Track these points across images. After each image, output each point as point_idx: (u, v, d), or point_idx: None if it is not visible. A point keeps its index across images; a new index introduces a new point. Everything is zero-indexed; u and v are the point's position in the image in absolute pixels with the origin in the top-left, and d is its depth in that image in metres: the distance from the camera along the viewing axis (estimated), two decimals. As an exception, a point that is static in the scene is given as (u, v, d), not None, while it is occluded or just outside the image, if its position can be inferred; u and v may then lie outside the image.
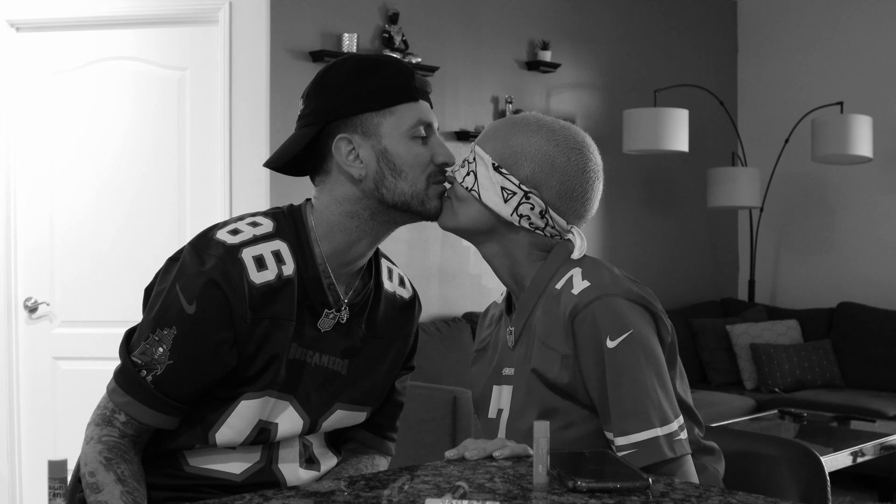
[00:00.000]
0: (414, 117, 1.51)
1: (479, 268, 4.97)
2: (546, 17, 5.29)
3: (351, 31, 4.36)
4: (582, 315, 1.44)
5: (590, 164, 1.56)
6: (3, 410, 3.89)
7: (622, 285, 1.48)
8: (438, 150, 1.55)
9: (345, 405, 1.59)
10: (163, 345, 1.45)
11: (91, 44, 3.94)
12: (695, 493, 1.21)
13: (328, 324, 1.55)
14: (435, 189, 1.54)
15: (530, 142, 1.54)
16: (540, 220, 1.54)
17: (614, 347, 1.42)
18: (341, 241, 1.53)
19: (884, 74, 5.77)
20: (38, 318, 3.93)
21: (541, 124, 1.57)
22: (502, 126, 1.59)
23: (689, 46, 6.12)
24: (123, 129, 3.93)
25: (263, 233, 1.50)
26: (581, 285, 1.47)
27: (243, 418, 1.49)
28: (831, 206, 6.00)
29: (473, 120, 4.94)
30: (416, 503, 1.15)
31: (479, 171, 1.55)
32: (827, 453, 3.66)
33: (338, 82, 1.51)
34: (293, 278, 1.49)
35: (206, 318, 1.44)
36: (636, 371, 1.42)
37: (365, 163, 1.49)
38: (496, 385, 1.61)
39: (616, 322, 1.43)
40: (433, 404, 3.67)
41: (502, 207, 1.53)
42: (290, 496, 1.21)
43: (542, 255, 1.56)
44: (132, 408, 1.46)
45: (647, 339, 1.45)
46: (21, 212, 3.93)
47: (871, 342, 5.34)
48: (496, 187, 1.53)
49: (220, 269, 1.44)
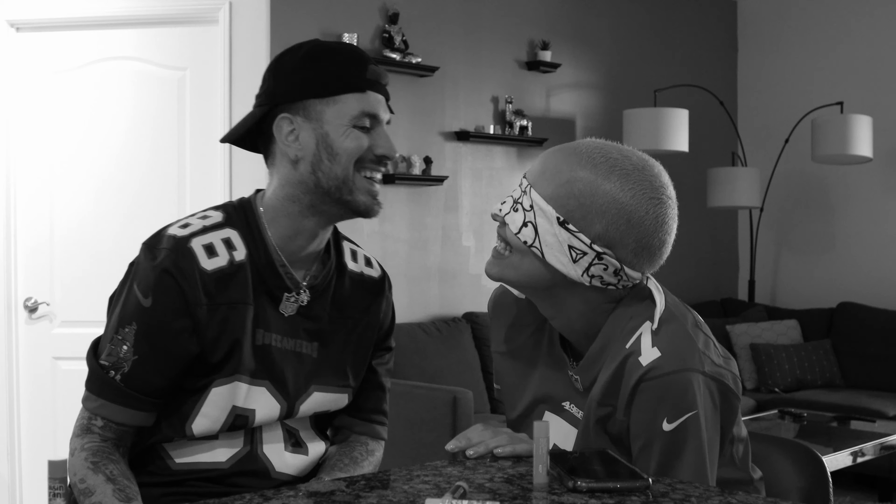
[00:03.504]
0: (358, 108, 1.50)
1: (479, 268, 4.97)
2: (546, 17, 5.29)
3: (351, 31, 4.36)
4: (645, 386, 1.32)
5: (669, 213, 1.40)
6: (3, 410, 3.89)
7: (695, 357, 1.33)
8: (379, 141, 1.53)
9: (321, 387, 1.60)
10: (126, 342, 1.48)
11: (91, 44, 3.94)
12: (695, 494, 1.21)
13: (291, 308, 1.56)
14: (363, 182, 1.53)
15: (601, 191, 1.35)
16: (613, 277, 1.38)
17: (671, 430, 1.31)
18: (287, 226, 1.55)
19: (884, 74, 5.77)
20: (38, 318, 3.93)
21: (611, 165, 1.36)
22: (562, 162, 1.38)
23: (689, 46, 6.12)
24: (123, 129, 3.93)
25: (213, 223, 1.54)
26: (651, 354, 1.33)
27: (216, 406, 1.51)
28: (831, 206, 6.00)
29: (473, 120, 4.94)
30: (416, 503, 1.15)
31: (539, 223, 1.37)
32: (827, 453, 3.66)
33: (290, 65, 1.53)
34: (245, 263, 1.52)
35: (162, 308, 1.47)
36: (689, 455, 1.32)
37: (303, 144, 1.51)
38: (550, 412, 1.50)
39: (679, 402, 1.31)
40: (433, 404, 3.68)
41: (571, 269, 1.37)
42: (290, 496, 1.21)
43: (611, 305, 1.42)
44: (106, 409, 1.50)
45: (708, 420, 1.33)
46: (21, 212, 3.93)
47: (871, 342, 5.34)
48: (563, 246, 1.36)
49: (170, 258, 1.47)
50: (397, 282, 4.68)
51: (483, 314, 4.77)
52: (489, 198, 5.03)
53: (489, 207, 5.01)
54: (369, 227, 4.53)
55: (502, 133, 5.02)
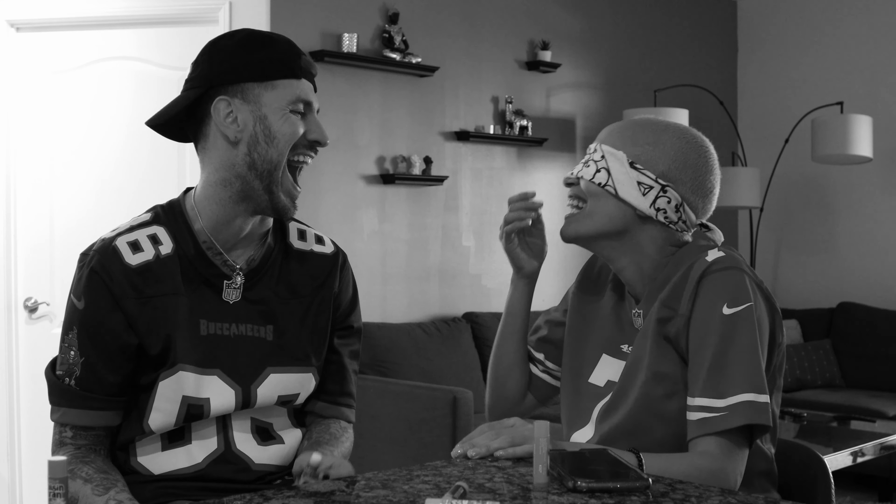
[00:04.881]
0: (294, 94, 1.54)
1: (479, 268, 4.97)
2: (546, 17, 5.29)
3: (351, 31, 4.36)
4: (710, 278, 1.48)
5: (716, 163, 1.62)
6: (3, 410, 3.89)
7: (756, 275, 1.53)
8: (313, 127, 1.57)
9: (278, 369, 1.60)
10: (73, 348, 1.55)
11: (91, 44, 3.94)
12: (695, 494, 1.21)
13: (234, 294, 1.59)
14: (289, 184, 1.56)
15: (662, 139, 1.58)
16: (675, 213, 1.56)
17: (730, 315, 1.45)
18: (218, 213, 1.58)
19: (884, 74, 5.78)
20: (38, 318, 3.93)
21: (666, 124, 1.61)
22: (627, 127, 1.61)
23: (689, 46, 6.12)
24: (123, 129, 3.92)
25: (139, 222, 1.60)
26: (715, 255, 1.51)
27: (167, 399, 1.54)
28: (831, 206, 6.00)
29: (473, 120, 4.94)
30: (416, 503, 1.15)
31: (612, 166, 1.57)
32: (827, 453, 3.65)
33: (226, 50, 1.56)
34: (173, 256, 1.56)
35: (94, 307, 1.53)
36: (745, 340, 1.44)
37: (241, 125, 1.54)
38: (608, 355, 1.63)
39: (739, 292, 1.46)
40: (433, 404, 3.67)
41: (641, 201, 1.55)
42: (290, 496, 1.21)
43: (673, 249, 1.59)
44: (69, 416, 1.55)
45: (762, 318, 1.49)
46: (21, 212, 3.93)
47: (871, 342, 5.34)
48: (633, 181, 1.56)
49: (95, 259, 1.55)
50: (397, 282, 4.68)
51: (483, 314, 4.78)
52: (489, 198, 5.03)
53: (489, 207, 5.01)
54: (369, 226, 4.53)
55: (502, 133, 5.02)
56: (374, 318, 4.45)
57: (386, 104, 4.58)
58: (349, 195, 4.45)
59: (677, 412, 1.48)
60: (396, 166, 4.60)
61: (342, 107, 4.41)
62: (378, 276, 4.57)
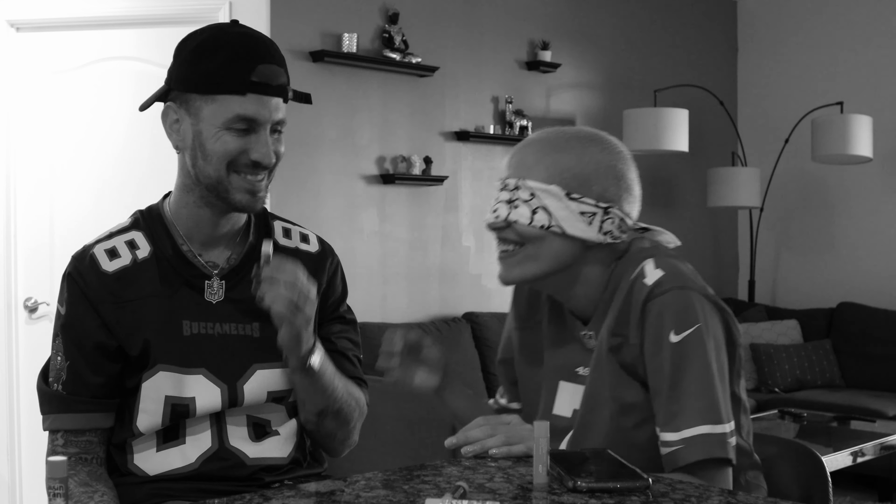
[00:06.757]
0: (233, 111, 1.48)
1: (479, 268, 4.97)
2: (546, 17, 5.29)
3: (351, 31, 4.36)
4: (653, 303, 1.41)
5: (629, 156, 1.57)
6: (3, 410, 3.89)
7: (698, 280, 1.47)
8: (255, 146, 1.50)
9: (265, 365, 1.60)
10: (59, 353, 1.58)
11: (91, 44, 3.94)
12: (695, 494, 1.21)
13: (217, 294, 1.59)
14: (239, 181, 1.52)
15: (584, 157, 1.50)
16: (619, 230, 1.51)
17: (678, 342, 1.39)
18: (189, 216, 1.59)
19: (884, 74, 5.77)
20: (38, 318, 3.93)
21: (577, 137, 1.53)
22: (539, 152, 1.52)
23: (689, 46, 6.12)
24: (123, 129, 3.92)
25: (119, 228, 1.63)
26: (654, 274, 1.44)
27: (151, 399, 1.55)
28: (831, 206, 6.00)
29: (473, 120, 4.94)
30: (416, 503, 1.15)
31: (549, 204, 1.48)
32: (827, 453, 3.65)
33: (181, 56, 1.55)
34: (150, 259, 1.58)
35: (73, 311, 1.57)
36: (696, 368, 1.39)
37: (182, 136, 1.54)
38: (565, 381, 1.57)
39: (685, 315, 1.40)
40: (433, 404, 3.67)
41: (588, 231, 1.48)
42: (290, 496, 1.21)
43: (615, 262, 1.53)
44: (59, 421, 1.57)
45: (713, 336, 1.42)
46: (21, 212, 3.93)
47: (871, 342, 5.34)
48: (576, 214, 1.48)
49: (72, 266, 1.60)
50: (397, 282, 4.68)
51: (483, 314, 4.77)
52: (489, 198, 4.98)
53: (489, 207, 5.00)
54: (369, 226, 4.53)
55: (502, 133, 5.01)
56: (374, 318, 4.45)
57: (386, 104, 4.58)
58: (349, 195, 4.45)
59: (649, 440, 1.44)
60: (396, 166, 4.60)
61: (342, 107, 4.41)
62: (378, 276, 4.57)
